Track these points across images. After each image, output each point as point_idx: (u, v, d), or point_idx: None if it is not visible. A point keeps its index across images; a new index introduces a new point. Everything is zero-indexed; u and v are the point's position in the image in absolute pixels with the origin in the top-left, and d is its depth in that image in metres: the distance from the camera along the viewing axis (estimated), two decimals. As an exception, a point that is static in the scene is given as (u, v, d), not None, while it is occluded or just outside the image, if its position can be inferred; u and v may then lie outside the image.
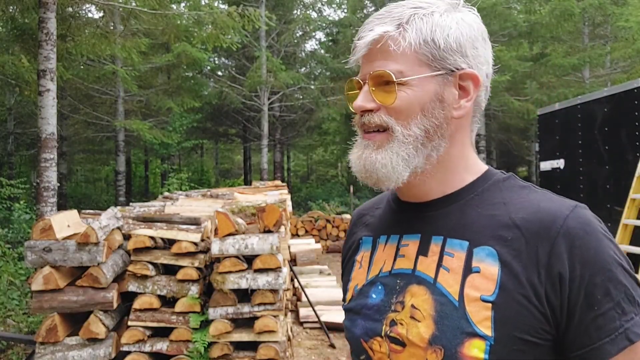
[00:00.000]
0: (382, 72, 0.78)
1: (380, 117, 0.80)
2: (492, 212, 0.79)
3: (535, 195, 0.79)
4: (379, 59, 0.79)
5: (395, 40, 0.78)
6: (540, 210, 0.76)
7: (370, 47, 0.79)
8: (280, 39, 16.50)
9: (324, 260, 9.73)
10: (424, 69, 0.78)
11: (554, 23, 13.84)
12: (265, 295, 3.53)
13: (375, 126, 0.81)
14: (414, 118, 0.79)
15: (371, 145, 0.81)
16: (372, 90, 0.80)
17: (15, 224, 7.91)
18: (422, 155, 0.80)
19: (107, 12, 8.01)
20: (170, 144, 14.09)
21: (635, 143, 4.93)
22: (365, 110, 0.81)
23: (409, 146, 0.79)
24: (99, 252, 3.27)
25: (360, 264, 0.92)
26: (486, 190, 0.83)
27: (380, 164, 0.79)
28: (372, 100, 0.80)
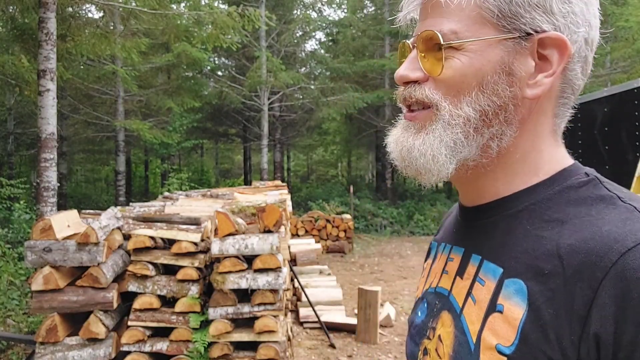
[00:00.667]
0: (429, 32, 0.61)
1: (423, 91, 0.63)
2: (541, 233, 0.59)
3: (608, 212, 0.56)
4: (431, 15, 0.63)
5: None
6: (597, 234, 0.53)
7: (423, 1, 0.64)
8: (280, 39, 16.51)
9: (324, 260, 9.73)
10: (487, 30, 0.60)
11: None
12: (265, 295, 3.53)
13: (416, 102, 0.64)
14: (468, 94, 0.61)
15: (411, 127, 0.65)
16: (422, 57, 0.63)
17: (15, 224, 7.91)
18: (475, 144, 0.62)
19: (107, 12, 8.01)
20: (170, 144, 14.09)
21: (635, 143, 4.93)
22: (409, 82, 0.65)
23: (457, 130, 0.62)
24: (99, 252, 3.27)
25: (423, 273, 0.84)
26: (547, 200, 0.61)
27: (419, 151, 0.63)
28: (419, 69, 0.63)
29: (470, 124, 0.62)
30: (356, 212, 14.94)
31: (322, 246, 10.75)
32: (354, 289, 7.24)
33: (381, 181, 19.87)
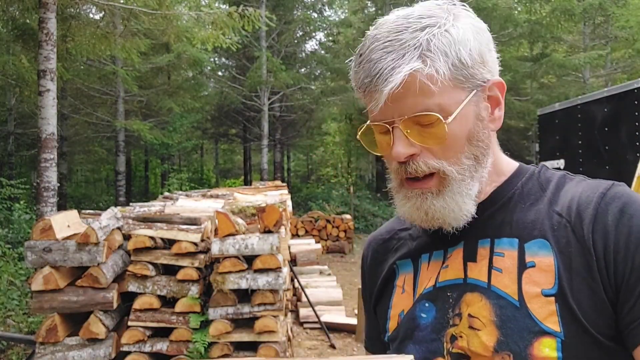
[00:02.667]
0: (425, 115, 0.70)
1: (427, 163, 0.73)
2: (536, 206, 0.77)
3: (572, 182, 0.78)
4: (410, 96, 0.70)
5: (428, 77, 0.69)
6: (577, 194, 0.74)
7: (391, 91, 0.70)
8: (280, 39, 16.51)
9: (324, 260, 9.73)
10: (459, 94, 0.72)
11: (554, 23, 13.85)
12: (265, 295, 3.53)
13: (421, 173, 0.74)
14: (462, 150, 0.74)
15: (427, 193, 0.74)
16: (408, 133, 0.72)
17: (15, 224, 7.91)
18: (477, 181, 0.76)
19: (107, 13, 8.01)
20: (170, 144, 14.10)
21: (635, 143, 4.93)
22: (410, 156, 0.73)
23: (466, 180, 0.74)
24: (99, 252, 3.27)
25: (403, 289, 0.85)
26: (525, 185, 0.80)
27: (447, 210, 0.74)
28: (412, 145, 0.72)
29: (471, 170, 0.75)
30: (356, 212, 14.94)
31: (322, 246, 10.75)
32: (354, 289, 7.24)
33: (381, 181, 19.88)
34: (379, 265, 0.92)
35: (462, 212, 0.75)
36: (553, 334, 0.67)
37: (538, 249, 0.72)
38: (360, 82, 0.73)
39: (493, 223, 0.78)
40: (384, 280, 0.89)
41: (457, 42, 0.71)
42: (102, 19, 8.62)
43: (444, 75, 0.70)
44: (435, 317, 0.77)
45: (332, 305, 6.13)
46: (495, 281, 0.73)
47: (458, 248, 0.79)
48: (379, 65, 0.70)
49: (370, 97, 0.72)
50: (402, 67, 0.68)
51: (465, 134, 0.74)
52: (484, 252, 0.76)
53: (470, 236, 0.78)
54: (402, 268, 0.87)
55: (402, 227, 0.92)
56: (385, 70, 0.69)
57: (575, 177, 0.80)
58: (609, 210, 0.70)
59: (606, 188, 0.73)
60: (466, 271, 0.76)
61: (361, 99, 0.77)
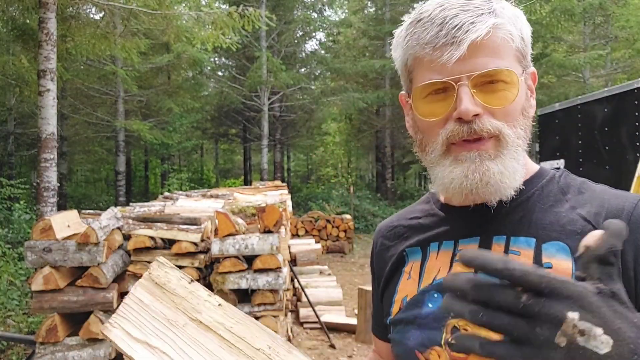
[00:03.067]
0: (503, 70, 0.71)
1: (491, 122, 0.72)
2: (555, 209, 0.76)
3: (597, 189, 0.78)
4: (482, 55, 0.70)
5: (508, 34, 0.71)
6: (605, 202, 0.74)
7: (472, 42, 0.69)
8: (280, 39, 16.51)
9: (324, 260, 9.73)
10: (518, 66, 0.74)
11: (554, 23, 13.85)
12: (266, 295, 3.53)
13: (487, 133, 0.72)
14: (518, 119, 0.75)
15: (484, 155, 0.72)
16: (474, 92, 0.71)
17: (15, 224, 7.91)
18: (523, 158, 0.76)
19: (107, 13, 8.01)
20: (170, 144, 14.10)
21: (635, 143, 4.93)
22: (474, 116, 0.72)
23: (519, 149, 0.74)
24: (99, 252, 3.27)
25: (410, 275, 0.85)
26: (545, 187, 0.79)
27: (503, 175, 0.72)
28: (477, 104, 0.71)
29: (523, 142, 0.76)
30: (356, 212, 14.94)
31: (322, 246, 10.75)
32: (354, 289, 7.24)
33: (381, 181, 19.88)
34: (387, 251, 0.93)
35: (514, 181, 0.73)
36: None
37: (556, 252, 0.71)
38: (428, 38, 0.71)
39: (510, 220, 0.77)
40: (393, 266, 0.90)
41: (520, 19, 0.75)
42: (102, 19, 8.62)
43: (514, 42, 0.72)
44: (439, 307, 0.77)
45: (332, 305, 6.13)
46: None
47: (473, 243, 0.79)
48: (456, 20, 0.70)
49: (441, 51, 0.70)
50: (485, 21, 0.69)
51: (521, 104, 0.75)
52: (499, 249, 0.76)
53: (485, 231, 0.78)
54: (411, 255, 0.87)
55: (413, 216, 0.92)
56: (466, 23, 0.69)
57: (598, 185, 0.79)
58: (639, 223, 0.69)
59: (637, 199, 0.73)
60: None
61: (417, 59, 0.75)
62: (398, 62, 0.81)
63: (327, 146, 25.93)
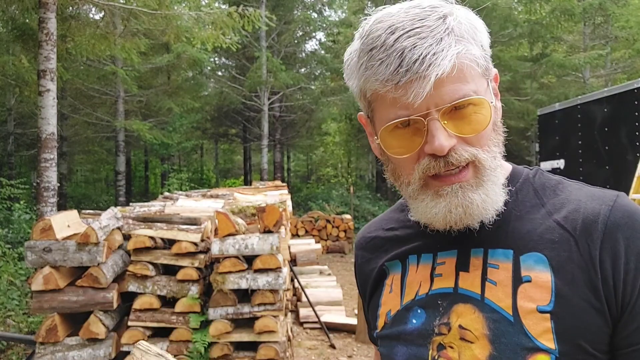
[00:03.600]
0: (474, 99, 0.68)
1: (466, 150, 0.69)
2: (531, 215, 0.73)
3: (572, 190, 0.75)
4: (448, 84, 0.66)
5: (472, 58, 0.68)
6: (582, 205, 0.71)
7: (438, 76, 0.65)
8: (280, 39, 16.51)
9: (324, 260, 9.73)
10: (483, 82, 0.71)
11: (554, 23, 13.85)
12: (265, 295, 3.53)
13: (464, 163, 0.69)
14: (491, 138, 0.72)
15: (466, 186, 0.70)
16: (445, 124, 0.67)
17: (15, 224, 7.91)
18: (502, 176, 0.74)
19: (107, 13, 8.00)
20: (170, 144, 14.10)
21: (635, 143, 4.93)
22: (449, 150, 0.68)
23: (497, 169, 0.72)
24: (99, 252, 3.27)
25: (391, 288, 0.83)
26: (519, 191, 0.77)
27: (486, 201, 0.70)
28: (450, 136, 0.68)
29: (498, 157, 0.74)
30: (356, 212, 14.94)
31: (322, 246, 10.75)
32: (354, 289, 7.24)
33: (381, 181, 19.89)
34: (368, 264, 0.91)
35: (497, 204, 0.71)
36: (547, 351, 0.65)
37: (534, 264, 0.70)
38: (388, 74, 0.65)
39: (486, 232, 0.74)
40: (375, 280, 0.88)
41: (477, 29, 0.71)
42: (102, 19, 8.61)
43: (480, 64, 0.69)
44: (422, 323, 0.76)
45: (332, 305, 6.14)
46: (489, 294, 0.71)
47: (451, 256, 0.77)
48: (416, 52, 0.64)
49: (404, 89, 0.65)
50: (447, 51, 0.64)
51: (491, 121, 0.72)
52: (477, 263, 0.74)
53: (463, 244, 0.76)
54: (392, 269, 0.85)
55: (389, 227, 0.90)
56: (427, 55, 0.64)
57: (573, 183, 0.76)
58: (620, 227, 0.67)
59: (613, 200, 0.70)
60: (457, 281, 0.74)
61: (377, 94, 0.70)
62: (354, 90, 0.76)
63: (327, 146, 25.93)
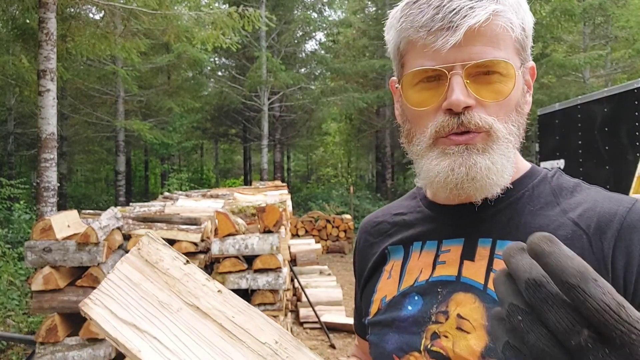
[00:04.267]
0: (500, 62, 0.67)
1: (481, 117, 0.67)
2: (546, 212, 0.72)
3: (590, 192, 0.73)
4: (479, 43, 0.66)
5: (508, 23, 0.67)
6: (598, 205, 0.69)
7: (469, 28, 0.65)
8: (280, 39, 16.51)
9: (324, 260, 9.73)
10: (517, 59, 0.70)
11: (554, 23, 13.84)
12: (265, 295, 3.53)
13: (474, 127, 0.68)
14: (511, 115, 0.70)
15: (472, 149, 0.68)
16: (468, 83, 0.67)
17: (15, 224, 7.91)
18: (513, 154, 0.72)
19: (107, 13, 8.01)
20: (170, 144, 14.10)
21: (635, 143, 4.93)
22: (465, 108, 0.67)
23: (510, 145, 0.70)
24: (99, 252, 3.27)
25: (390, 274, 0.81)
26: (536, 187, 0.75)
27: (490, 170, 0.68)
28: (469, 95, 0.67)
29: (515, 138, 0.72)
30: (356, 212, 14.94)
31: (322, 246, 10.75)
32: (354, 289, 7.23)
33: (381, 181, 19.89)
34: (371, 248, 0.90)
35: (502, 178, 0.69)
36: None
37: None
38: (423, 20, 0.66)
39: (497, 222, 0.73)
40: (375, 264, 0.87)
41: (523, 8, 0.71)
42: (102, 19, 8.62)
43: (514, 31, 0.68)
44: (419, 310, 0.74)
45: (332, 305, 6.14)
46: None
47: (457, 245, 0.75)
48: (454, 3, 0.65)
49: (435, 35, 0.66)
50: (485, 7, 0.65)
51: (516, 99, 0.70)
52: (484, 252, 0.72)
53: (470, 233, 0.74)
54: (393, 254, 0.84)
55: (398, 212, 0.89)
56: (464, 8, 0.64)
57: (592, 186, 0.75)
58: (636, 229, 0.65)
59: (631, 203, 0.68)
60: (461, 269, 0.72)
61: (410, 42, 0.70)
62: (390, 45, 0.76)
63: (327, 146, 25.94)
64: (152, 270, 0.75)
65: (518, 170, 0.77)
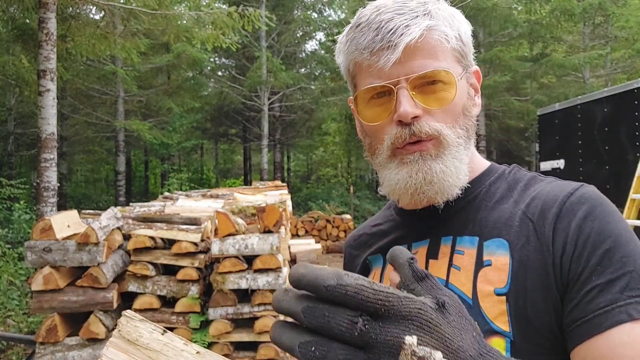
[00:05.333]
0: (440, 71, 0.72)
1: (429, 125, 0.72)
2: (500, 205, 0.76)
3: (542, 183, 0.77)
4: (419, 57, 0.71)
5: (443, 35, 0.72)
6: (544, 194, 0.73)
7: (407, 45, 0.70)
8: (280, 39, 16.51)
9: (324, 260, 9.73)
10: (457, 68, 0.75)
11: (554, 23, 13.85)
12: (266, 295, 3.53)
13: (425, 136, 0.72)
14: (458, 119, 0.75)
15: (426, 155, 0.73)
16: (414, 95, 0.72)
17: (15, 224, 7.91)
18: (466, 157, 0.76)
19: (107, 13, 8.01)
20: (170, 144, 14.10)
21: (635, 143, 4.93)
22: (414, 118, 0.72)
23: (460, 148, 0.75)
24: (99, 252, 3.27)
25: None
26: (492, 184, 0.80)
27: (445, 174, 0.72)
28: (416, 106, 0.72)
29: (465, 140, 0.76)
30: (356, 212, 14.94)
31: (322, 246, 10.75)
32: (354, 289, 7.23)
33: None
34: (354, 261, 0.94)
35: (459, 180, 0.74)
36: (503, 334, 0.66)
37: (496, 248, 0.71)
38: (365, 43, 0.72)
39: (457, 220, 0.77)
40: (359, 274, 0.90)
41: (457, 20, 0.76)
42: (102, 19, 8.61)
43: (449, 42, 0.73)
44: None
45: (332, 305, 6.13)
46: (453, 279, 0.73)
47: (423, 245, 0.79)
48: (391, 24, 0.70)
49: (378, 55, 0.72)
50: (419, 24, 0.70)
51: (462, 104, 0.75)
52: (446, 250, 0.76)
53: (434, 233, 0.79)
54: (374, 263, 0.88)
55: (375, 223, 0.94)
56: (400, 26, 0.70)
57: (546, 178, 0.79)
58: (574, 211, 0.68)
59: (574, 188, 0.71)
60: (427, 268, 0.76)
61: (357, 64, 0.76)
62: (342, 68, 0.82)
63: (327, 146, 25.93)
64: (135, 348, 0.80)
65: (476, 169, 0.82)
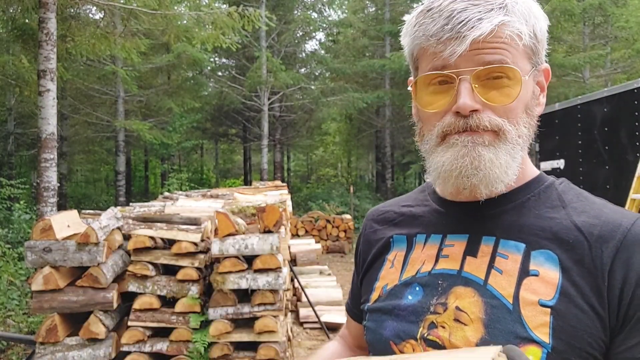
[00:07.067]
0: (506, 67, 0.70)
1: (490, 119, 0.71)
2: (550, 215, 0.74)
3: (595, 200, 0.75)
4: (487, 51, 0.70)
5: (516, 32, 0.70)
6: (603, 214, 0.71)
7: (475, 39, 0.69)
8: (280, 39, 16.51)
9: (324, 260, 9.73)
10: (527, 63, 0.73)
11: (554, 23, 13.84)
12: (265, 295, 3.53)
13: (483, 129, 0.71)
14: (521, 117, 0.73)
15: (478, 140, 0.71)
16: (476, 87, 0.70)
17: (15, 224, 7.91)
18: (520, 157, 0.75)
19: (107, 13, 8.00)
20: (170, 144, 14.10)
21: (635, 143, 4.93)
22: (472, 111, 0.71)
23: (517, 147, 0.73)
24: (99, 252, 3.27)
25: (392, 263, 0.84)
26: (542, 192, 0.78)
27: (494, 164, 0.71)
28: (477, 100, 0.71)
29: (524, 140, 0.75)
30: (356, 212, 14.94)
31: (322, 246, 10.75)
32: (354, 289, 7.22)
33: (381, 181, 19.89)
34: (375, 234, 0.92)
35: (506, 176, 0.72)
36: (541, 344, 0.65)
37: (545, 260, 0.70)
38: (434, 30, 0.71)
39: (502, 222, 0.76)
40: (378, 251, 0.89)
41: (534, 15, 0.73)
42: (102, 19, 8.61)
43: (523, 40, 0.71)
44: (419, 301, 0.76)
45: (332, 305, 6.14)
46: (492, 281, 0.72)
47: (461, 240, 0.78)
48: (464, 15, 0.69)
49: (444, 44, 0.70)
50: (492, 18, 0.69)
51: (524, 102, 0.74)
52: (486, 250, 0.75)
53: (476, 230, 0.77)
54: (397, 243, 0.87)
55: (406, 204, 0.92)
56: (472, 19, 0.68)
57: (598, 198, 0.77)
58: (637, 242, 0.67)
59: (636, 217, 0.70)
60: (463, 264, 0.75)
61: (422, 49, 0.75)
62: (406, 50, 0.81)
63: (327, 146, 25.95)
64: None
65: (526, 175, 0.79)
